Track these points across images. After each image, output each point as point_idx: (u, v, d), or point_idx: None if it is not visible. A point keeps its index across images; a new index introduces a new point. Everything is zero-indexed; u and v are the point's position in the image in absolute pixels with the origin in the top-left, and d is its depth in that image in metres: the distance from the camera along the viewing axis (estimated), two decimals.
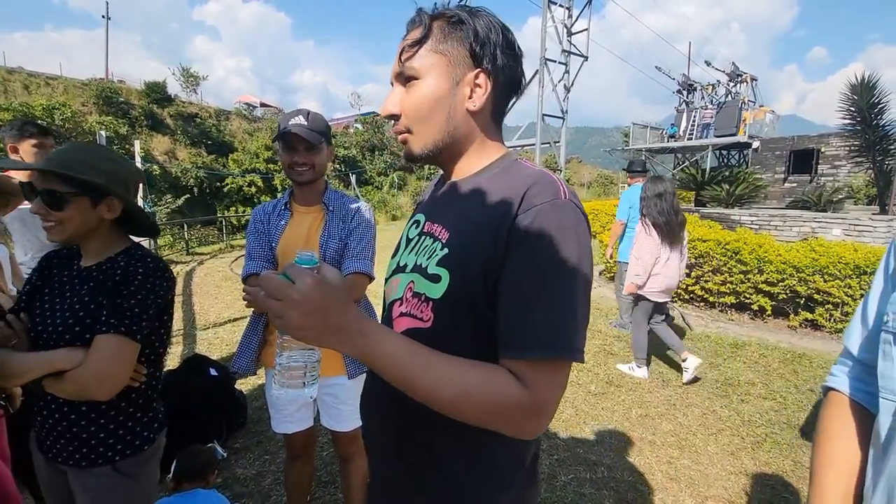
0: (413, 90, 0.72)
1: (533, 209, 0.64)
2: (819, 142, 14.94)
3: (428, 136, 0.74)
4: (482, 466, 0.73)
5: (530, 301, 0.61)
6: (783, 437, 2.76)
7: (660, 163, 21.04)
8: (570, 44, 13.91)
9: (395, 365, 0.60)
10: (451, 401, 0.60)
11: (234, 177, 22.55)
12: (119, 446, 1.13)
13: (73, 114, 18.98)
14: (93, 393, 1.05)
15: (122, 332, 1.04)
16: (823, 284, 4.34)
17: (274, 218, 1.65)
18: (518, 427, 0.63)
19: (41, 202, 1.05)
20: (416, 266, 0.75)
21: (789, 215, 7.70)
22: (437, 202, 0.83)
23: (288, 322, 0.56)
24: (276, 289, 0.56)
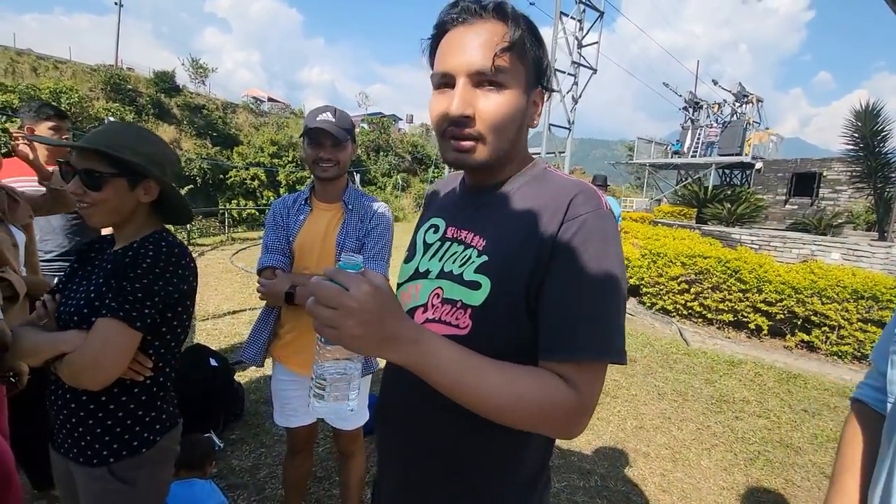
0: (496, 98, 0.66)
1: (579, 218, 0.65)
2: (821, 166, 15.05)
3: (499, 148, 0.70)
4: (507, 473, 0.73)
5: (578, 306, 0.63)
6: (776, 455, 2.78)
7: (663, 178, 21.14)
8: (579, 56, 14.00)
9: (450, 372, 0.58)
10: (505, 406, 0.60)
11: (238, 170, 22.58)
12: (115, 445, 1.05)
13: (80, 98, 19.00)
14: (83, 380, 0.98)
15: (119, 317, 0.97)
16: (821, 307, 4.37)
17: (293, 212, 1.65)
18: (566, 428, 0.63)
19: (79, 181, 1.01)
20: (445, 273, 0.74)
21: (789, 237, 7.76)
22: (463, 208, 0.80)
23: (344, 333, 0.53)
24: (330, 297, 0.52)
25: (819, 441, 2.94)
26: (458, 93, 0.66)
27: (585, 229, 0.64)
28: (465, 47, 0.66)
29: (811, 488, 2.48)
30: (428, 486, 0.77)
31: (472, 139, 0.68)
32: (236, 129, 26.51)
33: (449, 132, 0.69)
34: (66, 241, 2.44)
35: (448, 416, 0.70)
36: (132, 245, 1.08)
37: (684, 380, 3.86)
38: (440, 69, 0.69)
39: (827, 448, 2.87)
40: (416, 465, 0.77)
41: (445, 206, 0.87)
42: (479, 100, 0.67)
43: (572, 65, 13.85)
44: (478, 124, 0.67)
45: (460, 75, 0.66)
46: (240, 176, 22.54)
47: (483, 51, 0.65)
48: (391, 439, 0.83)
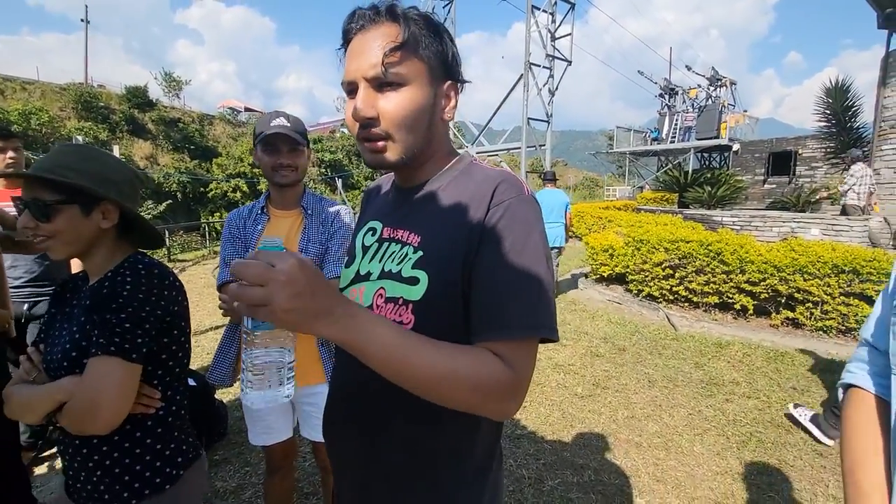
0: (396, 96, 0.69)
1: (503, 203, 0.69)
2: (796, 144, 15.32)
3: (409, 145, 0.72)
4: (463, 459, 0.75)
5: (508, 286, 0.65)
6: (768, 435, 2.77)
7: (643, 165, 21.35)
8: (554, 48, 14.03)
9: (387, 347, 0.57)
10: (441, 382, 0.59)
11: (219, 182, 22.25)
12: (136, 485, 0.97)
13: (51, 119, 18.57)
14: (87, 427, 0.89)
15: (111, 353, 0.89)
16: (803, 283, 4.40)
17: (250, 223, 1.59)
18: (502, 406, 0.64)
19: (28, 214, 0.93)
20: (385, 273, 0.75)
21: (769, 216, 7.85)
22: (396, 208, 0.82)
23: (275, 307, 0.51)
24: (257, 274, 0.51)
25: None
26: (359, 97, 0.69)
27: (509, 213, 0.68)
28: (362, 53, 0.69)
29: (804, 467, 2.48)
30: (387, 484, 0.77)
31: (382, 139, 0.71)
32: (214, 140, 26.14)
33: (361, 135, 0.71)
34: (35, 266, 2.36)
35: (401, 411, 0.73)
36: (106, 276, 0.98)
37: (674, 365, 3.86)
38: (344, 78, 0.72)
39: None
40: (373, 464, 0.77)
41: (380, 208, 0.88)
42: (380, 101, 0.69)
43: (547, 58, 13.87)
44: (382, 124, 0.70)
45: (360, 80, 0.69)
46: (221, 188, 22.23)
47: (374, 56, 0.67)
48: (343, 442, 0.82)
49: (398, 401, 0.70)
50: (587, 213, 11.98)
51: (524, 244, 0.67)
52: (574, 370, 3.77)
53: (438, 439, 0.74)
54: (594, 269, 6.75)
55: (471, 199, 0.72)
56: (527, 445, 2.68)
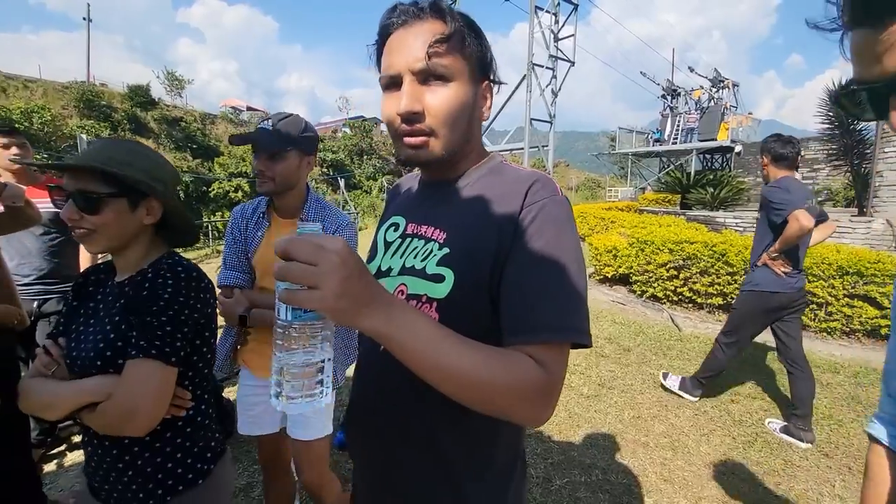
0: (442, 91, 0.68)
1: (537, 203, 0.68)
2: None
3: (451, 141, 0.71)
4: (484, 463, 0.74)
5: (543, 288, 0.64)
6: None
7: (646, 166, 21.36)
8: (556, 49, 14.05)
9: (425, 342, 0.54)
10: (475, 381, 0.56)
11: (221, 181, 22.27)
12: (170, 482, 0.98)
13: (53, 117, 18.59)
14: (125, 429, 0.89)
15: (152, 356, 0.89)
16: (808, 285, 4.41)
17: (252, 225, 1.55)
18: (535, 409, 0.60)
19: (73, 205, 0.91)
20: (407, 269, 0.74)
21: None
22: (421, 204, 0.82)
23: (327, 291, 0.47)
24: (311, 252, 0.47)
25: (815, 419, 2.95)
26: (405, 91, 0.68)
27: (543, 214, 0.67)
28: (406, 47, 0.68)
29: (810, 467, 2.49)
30: (408, 485, 0.76)
31: (424, 134, 0.70)
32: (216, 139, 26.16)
33: (401, 130, 0.70)
34: (44, 263, 2.36)
35: (424, 411, 0.72)
36: (144, 274, 0.98)
37: (679, 366, 3.86)
38: (387, 71, 0.70)
39: (822, 426, 2.89)
40: (395, 465, 0.76)
41: (404, 204, 0.88)
42: (427, 95, 0.68)
43: (550, 58, 13.89)
44: (428, 119, 0.69)
45: (405, 74, 0.68)
46: (222, 187, 22.25)
47: (421, 49, 0.67)
48: (366, 440, 0.81)
49: (422, 404, 0.70)
50: (590, 213, 11.97)
51: (559, 245, 0.65)
52: (580, 370, 3.78)
53: (460, 445, 0.73)
54: (598, 269, 6.76)
55: (501, 198, 0.71)
56: (534, 445, 2.69)
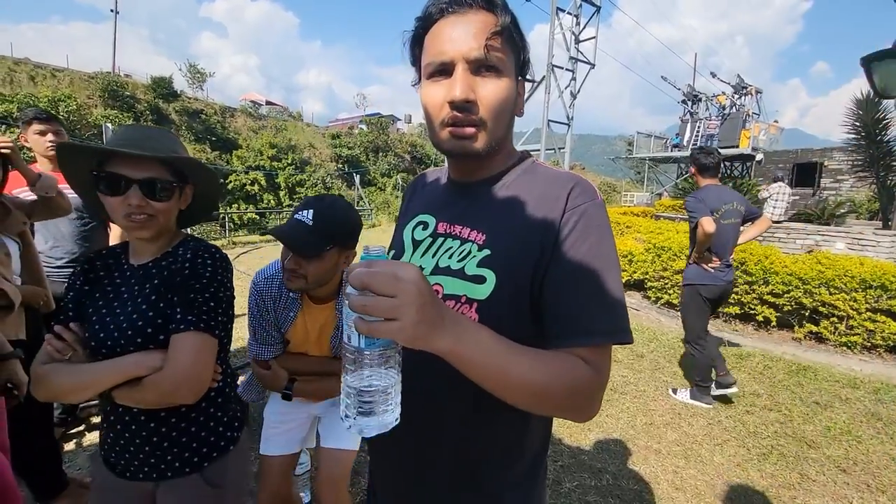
0: (495, 83, 0.68)
1: (578, 208, 0.69)
2: (822, 155, 14.99)
3: (496, 134, 0.71)
4: (511, 462, 0.75)
5: (592, 293, 0.65)
6: (789, 449, 2.73)
7: (663, 172, 21.09)
8: (577, 51, 13.95)
9: (490, 355, 0.56)
10: (539, 390, 0.59)
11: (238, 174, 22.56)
12: (204, 450, 1.06)
13: (79, 106, 19.01)
14: (179, 397, 0.96)
15: (201, 329, 0.97)
16: (829, 297, 4.32)
17: (281, 304, 1.44)
18: (587, 408, 0.65)
19: (140, 193, 0.95)
20: (442, 268, 0.74)
21: (793, 227, 7.72)
22: (453, 203, 0.80)
23: (406, 322, 0.48)
24: (389, 284, 0.48)
25: (832, 434, 2.90)
26: (459, 78, 0.66)
27: (585, 218, 0.68)
28: (460, 35, 0.67)
29: (826, 482, 2.44)
30: (435, 485, 0.76)
31: (474, 125, 0.69)
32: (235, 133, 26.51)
33: (450, 119, 0.68)
34: (76, 247, 2.42)
35: (452, 410, 0.72)
36: (173, 255, 1.05)
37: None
38: (437, 58, 0.68)
39: (840, 441, 2.83)
40: (423, 464, 0.77)
41: (432, 201, 0.86)
42: (479, 85, 0.67)
43: (570, 60, 13.80)
44: (480, 110, 0.68)
45: (459, 62, 0.67)
46: (240, 180, 22.54)
47: (479, 38, 0.66)
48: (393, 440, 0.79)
49: (453, 407, 0.72)
50: None
51: (602, 250, 0.67)
52: None
53: (490, 447, 0.74)
54: None
55: (541, 201, 0.71)
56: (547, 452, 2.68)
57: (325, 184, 25.51)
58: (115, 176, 0.95)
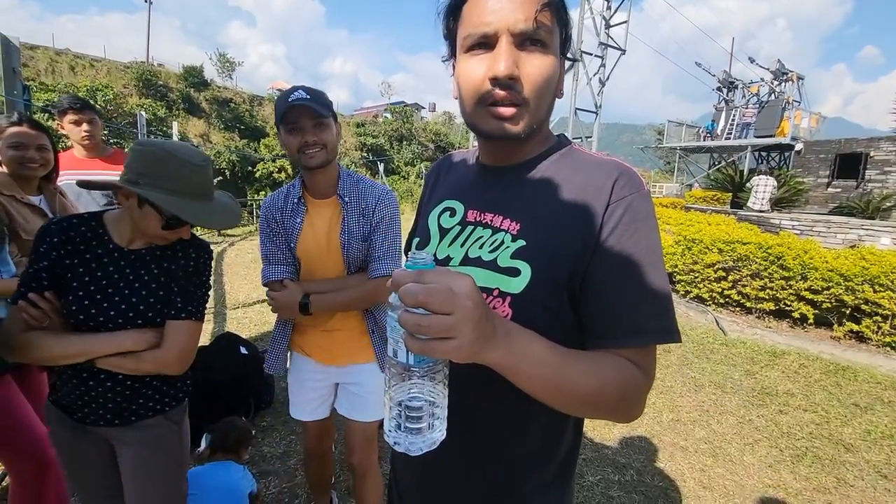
0: (541, 59, 0.62)
1: (624, 200, 0.64)
2: (868, 146, 14.15)
3: (538, 116, 0.65)
4: (546, 458, 0.72)
5: (637, 290, 0.62)
6: (825, 452, 2.62)
7: (694, 162, 20.38)
8: (607, 36, 13.52)
9: (542, 365, 0.54)
10: (590, 396, 0.57)
11: (265, 162, 22.97)
12: (166, 399, 1.24)
13: (115, 96, 19.63)
14: (173, 370, 1.17)
15: (195, 318, 1.18)
16: (873, 295, 4.09)
17: (288, 214, 1.48)
18: (635, 410, 0.62)
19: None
20: (472, 259, 0.70)
21: (834, 221, 7.34)
22: (484, 189, 0.75)
23: (463, 341, 0.45)
24: (446, 301, 0.44)
25: (873, 438, 2.76)
26: (504, 52, 0.60)
27: (632, 211, 0.63)
28: (506, 5, 0.60)
29: (865, 488, 2.33)
30: (468, 485, 0.73)
31: (517, 104, 0.62)
32: (263, 121, 26.93)
33: (490, 97, 0.62)
34: None
35: (491, 411, 0.69)
36: (175, 248, 1.20)
37: (723, 371, 3.69)
38: (478, 29, 0.61)
39: (882, 445, 2.69)
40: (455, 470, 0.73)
41: (459, 187, 0.80)
42: (524, 61, 0.61)
43: (599, 46, 13.39)
44: (524, 88, 0.62)
45: (503, 34, 0.60)
46: (267, 168, 22.93)
47: (525, 8, 0.59)
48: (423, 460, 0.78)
49: (489, 405, 0.69)
50: None
51: (648, 245, 0.63)
52: None
53: (524, 445, 0.71)
54: None
55: (582, 189, 0.66)
56: None
57: None
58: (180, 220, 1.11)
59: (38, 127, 1.75)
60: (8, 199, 1.67)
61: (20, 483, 1.53)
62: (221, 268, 7.18)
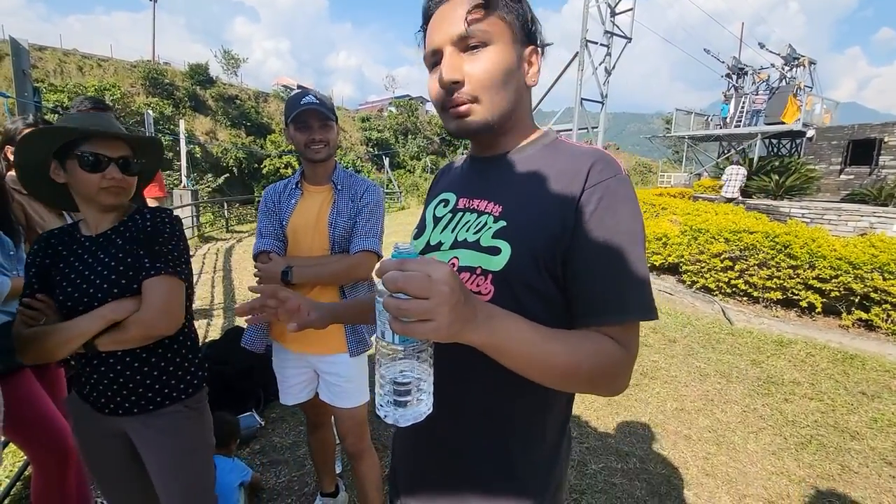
0: (482, 55, 0.68)
1: (602, 184, 0.67)
2: (882, 131, 13.87)
3: (496, 107, 0.70)
4: (534, 436, 0.75)
5: (616, 270, 0.65)
6: (830, 440, 2.62)
7: (702, 151, 20.12)
8: (613, 24, 13.34)
9: (523, 344, 0.58)
10: (570, 372, 0.61)
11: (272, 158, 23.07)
12: (182, 385, 1.24)
13: (123, 95, 19.82)
14: (160, 329, 1.13)
15: (169, 272, 1.14)
16: (882, 283, 4.05)
17: (285, 197, 1.66)
18: (618, 384, 0.66)
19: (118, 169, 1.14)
20: (459, 242, 0.75)
21: (845, 209, 7.25)
22: (472, 179, 0.81)
23: (441, 322, 0.48)
24: (423, 286, 0.47)
25: (879, 425, 2.76)
26: (445, 62, 0.68)
27: (610, 194, 0.66)
28: (447, 19, 0.68)
29: (870, 475, 2.33)
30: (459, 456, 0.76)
31: (467, 102, 0.69)
32: (268, 117, 27.03)
33: (447, 102, 0.70)
34: None
35: (480, 388, 0.73)
36: (136, 219, 1.21)
37: (728, 360, 3.69)
38: (428, 49, 0.71)
39: (888, 433, 2.69)
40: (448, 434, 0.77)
41: (454, 180, 0.87)
42: (468, 62, 0.68)
43: (605, 34, 13.22)
44: (468, 85, 0.68)
45: (445, 45, 0.68)
46: (273, 164, 23.05)
47: (458, 17, 0.67)
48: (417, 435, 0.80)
49: (478, 384, 0.72)
50: (639, 199, 11.41)
51: (629, 227, 0.66)
52: None
53: (514, 421, 0.74)
54: None
55: (561, 175, 0.70)
56: (570, 428, 2.67)
57: (356, 167, 25.73)
58: (98, 156, 1.11)
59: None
60: (26, 198, 1.73)
61: (43, 474, 1.59)
62: (230, 263, 7.28)
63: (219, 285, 5.87)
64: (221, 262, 7.33)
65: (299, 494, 2.12)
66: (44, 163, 1.13)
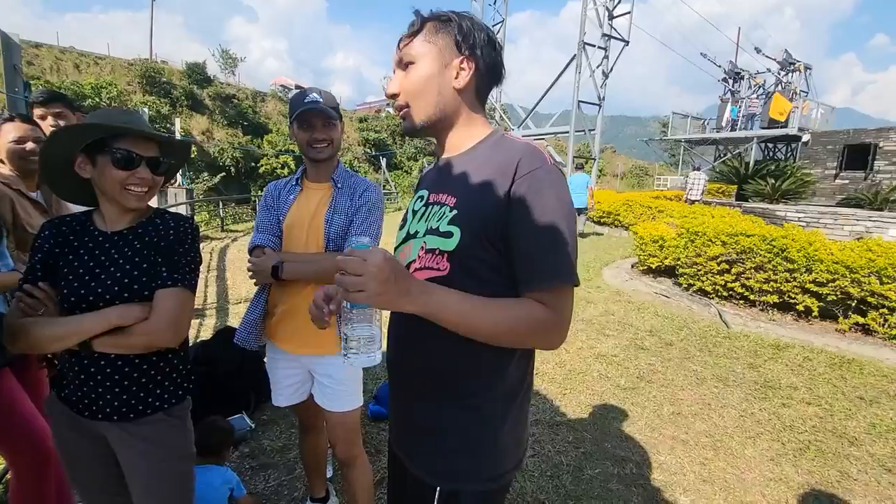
0: (410, 71, 0.89)
1: (528, 174, 0.80)
2: (877, 136, 13.94)
3: (422, 110, 0.89)
4: (493, 384, 0.88)
5: (546, 245, 0.79)
6: (829, 445, 2.59)
7: (699, 154, 20.19)
8: (610, 27, 13.36)
9: (458, 313, 0.76)
10: (501, 332, 0.78)
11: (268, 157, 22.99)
12: (166, 395, 1.21)
13: (119, 93, 19.71)
14: (165, 341, 1.13)
15: (185, 286, 1.15)
16: (879, 287, 4.04)
17: (284, 193, 1.65)
18: (549, 341, 0.81)
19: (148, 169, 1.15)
20: (428, 230, 0.89)
21: (841, 213, 7.26)
22: (438, 177, 0.97)
23: (370, 292, 0.68)
24: (355, 265, 0.68)
25: (878, 431, 2.73)
26: (391, 80, 0.92)
27: (535, 182, 0.80)
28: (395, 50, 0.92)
29: (869, 481, 2.30)
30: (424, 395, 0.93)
31: (403, 108, 0.91)
32: (265, 117, 26.97)
33: (396, 110, 0.92)
34: None
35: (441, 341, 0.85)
36: (151, 223, 1.20)
37: (725, 364, 3.67)
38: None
39: (887, 439, 2.66)
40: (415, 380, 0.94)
41: (428, 179, 1.04)
42: (402, 79, 0.90)
43: (603, 37, 13.25)
44: (402, 96, 0.90)
45: (393, 67, 0.93)
46: (270, 164, 22.97)
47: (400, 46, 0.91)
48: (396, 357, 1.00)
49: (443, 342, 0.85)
50: (636, 202, 11.45)
51: (553, 208, 0.79)
52: (617, 361, 3.66)
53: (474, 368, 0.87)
54: (642, 260, 6.50)
55: (498, 168, 0.84)
56: (566, 433, 2.63)
57: (353, 167, 25.68)
58: (132, 153, 1.11)
59: (30, 121, 1.77)
60: (16, 194, 1.69)
61: (20, 476, 1.54)
62: (224, 263, 7.21)
63: (212, 285, 5.80)
64: (216, 262, 7.26)
65: (289, 499, 2.07)
66: (72, 156, 1.12)
